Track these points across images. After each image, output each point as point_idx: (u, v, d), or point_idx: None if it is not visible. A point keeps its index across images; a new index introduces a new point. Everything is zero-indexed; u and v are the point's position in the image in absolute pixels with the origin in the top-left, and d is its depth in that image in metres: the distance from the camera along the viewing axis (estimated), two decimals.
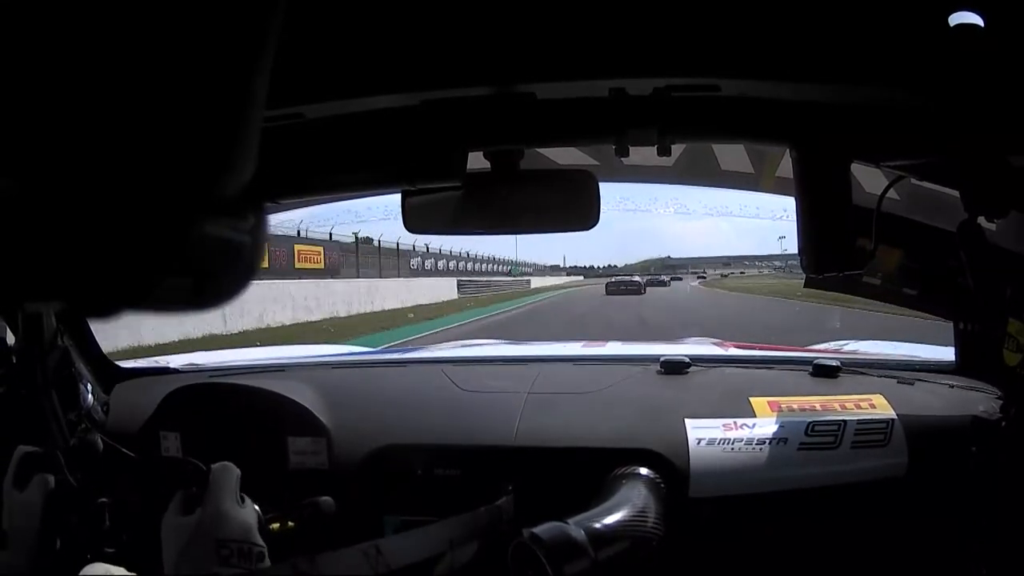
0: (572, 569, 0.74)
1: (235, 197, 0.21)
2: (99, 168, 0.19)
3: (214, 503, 0.77)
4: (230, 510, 0.77)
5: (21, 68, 0.17)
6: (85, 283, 0.20)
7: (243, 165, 0.21)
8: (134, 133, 0.19)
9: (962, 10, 0.55)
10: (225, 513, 0.77)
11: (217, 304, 0.22)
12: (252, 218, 0.22)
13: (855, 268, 0.79)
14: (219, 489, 0.78)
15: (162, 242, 0.20)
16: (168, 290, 0.21)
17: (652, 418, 1.01)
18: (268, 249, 0.52)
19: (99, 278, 0.20)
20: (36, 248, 0.19)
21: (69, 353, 1.06)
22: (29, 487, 0.86)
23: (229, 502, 0.78)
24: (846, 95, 0.69)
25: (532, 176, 0.83)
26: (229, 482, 0.79)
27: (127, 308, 0.21)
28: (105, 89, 0.18)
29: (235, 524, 0.77)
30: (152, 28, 0.18)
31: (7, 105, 0.18)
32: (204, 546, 0.75)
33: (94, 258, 0.19)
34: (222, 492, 0.78)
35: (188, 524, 0.77)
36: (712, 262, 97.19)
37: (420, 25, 0.61)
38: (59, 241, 0.19)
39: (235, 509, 0.78)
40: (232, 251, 0.22)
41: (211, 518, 0.76)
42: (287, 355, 1.72)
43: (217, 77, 0.20)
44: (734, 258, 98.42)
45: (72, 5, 0.18)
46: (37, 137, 0.18)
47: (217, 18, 0.19)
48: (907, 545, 0.92)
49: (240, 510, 0.78)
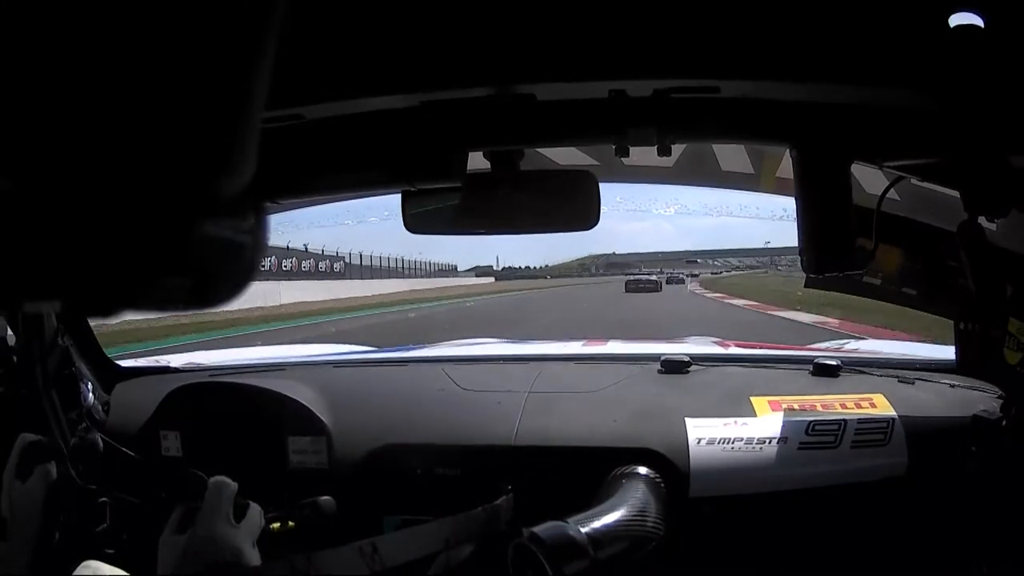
0: (572, 569, 0.74)
1: (235, 197, 0.21)
2: (99, 168, 0.19)
3: (205, 525, 0.77)
4: (221, 532, 0.77)
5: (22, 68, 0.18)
6: (85, 283, 0.20)
7: (243, 165, 0.21)
8: (134, 133, 0.19)
9: (962, 10, 0.55)
10: (214, 536, 0.77)
11: (217, 304, 0.22)
12: (252, 218, 0.22)
13: (855, 268, 0.79)
14: (212, 510, 0.78)
15: (162, 242, 0.20)
16: (168, 290, 0.21)
17: (652, 417, 1.01)
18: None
19: (99, 278, 0.20)
20: (36, 248, 0.19)
21: (69, 352, 1.06)
22: (31, 478, 0.86)
23: (220, 524, 0.78)
24: (846, 95, 0.69)
25: (532, 176, 0.83)
26: (221, 502, 0.79)
27: (127, 308, 0.21)
28: (105, 89, 0.18)
29: (225, 546, 0.77)
30: (152, 28, 0.18)
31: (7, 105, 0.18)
32: (193, 569, 0.75)
33: (94, 258, 0.19)
34: (215, 514, 0.78)
35: (181, 544, 0.77)
36: (670, 259, 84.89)
37: (420, 26, 0.61)
38: (59, 241, 0.19)
39: (226, 530, 0.78)
40: (232, 251, 0.22)
41: (201, 541, 0.76)
42: (287, 355, 1.72)
43: (217, 77, 0.20)
44: (700, 253, 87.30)
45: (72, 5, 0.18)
46: (37, 137, 0.18)
47: (217, 18, 0.19)
48: (907, 545, 0.92)
49: (232, 530, 0.78)
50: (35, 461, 0.87)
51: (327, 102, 0.69)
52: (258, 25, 0.20)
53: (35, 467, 0.87)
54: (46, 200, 0.19)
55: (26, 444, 0.88)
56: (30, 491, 0.85)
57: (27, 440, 0.88)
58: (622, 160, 0.91)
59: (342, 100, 0.69)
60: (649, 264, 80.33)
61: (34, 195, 0.18)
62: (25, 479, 0.86)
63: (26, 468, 0.87)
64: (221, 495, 0.79)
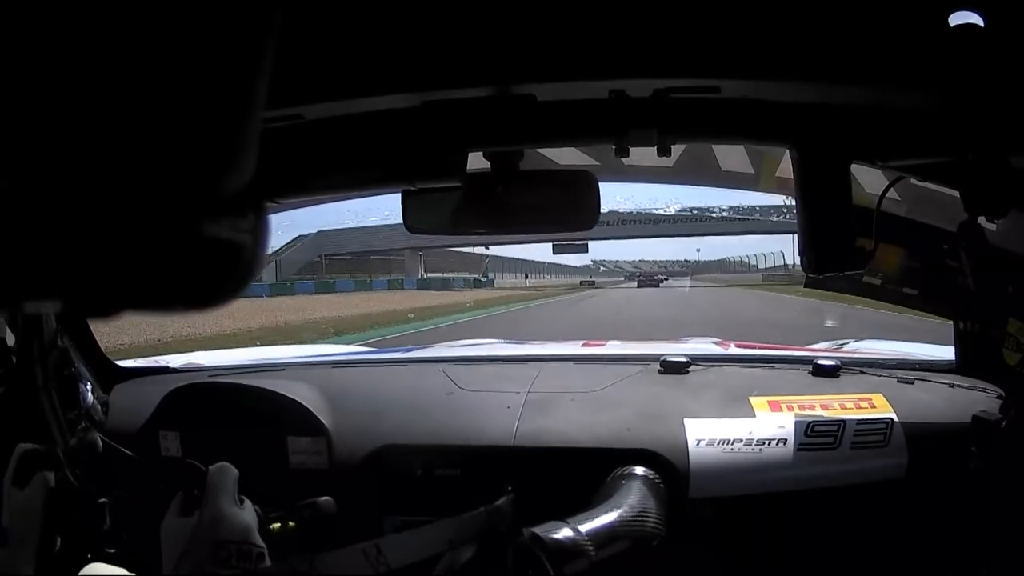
0: (572, 569, 0.74)
1: (235, 197, 0.21)
2: (99, 169, 0.19)
3: (212, 505, 0.77)
4: (228, 512, 0.77)
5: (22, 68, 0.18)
6: (85, 283, 0.20)
7: (243, 165, 0.21)
8: (134, 133, 0.19)
9: (962, 10, 0.55)
10: (223, 515, 0.77)
11: (217, 304, 0.22)
12: (252, 218, 0.22)
13: (855, 268, 0.79)
14: (217, 491, 0.78)
15: (162, 242, 0.20)
16: (168, 290, 0.21)
17: (652, 418, 1.01)
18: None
19: (99, 278, 0.20)
20: (36, 248, 0.19)
21: (69, 353, 1.06)
22: (29, 485, 0.86)
23: (227, 504, 0.78)
24: (846, 95, 0.69)
25: (532, 176, 0.83)
26: (227, 484, 0.79)
27: (127, 308, 0.21)
28: (105, 90, 0.18)
29: (234, 525, 0.77)
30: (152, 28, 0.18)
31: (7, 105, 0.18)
32: (203, 548, 0.75)
33: (94, 258, 0.19)
34: (220, 494, 0.78)
35: (187, 526, 0.77)
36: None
37: (420, 26, 0.61)
38: (59, 241, 0.19)
39: (233, 511, 0.78)
40: (232, 251, 0.22)
41: (210, 520, 0.76)
42: (287, 355, 1.72)
43: (218, 77, 0.20)
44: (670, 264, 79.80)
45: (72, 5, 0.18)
46: (37, 138, 0.18)
47: (217, 18, 0.19)
48: (907, 545, 0.92)
49: (239, 511, 0.78)
50: (33, 468, 0.87)
51: (327, 102, 0.69)
52: (258, 25, 0.20)
53: (33, 474, 0.87)
54: (46, 200, 0.18)
55: (23, 452, 0.88)
56: (29, 498, 0.85)
57: (24, 448, 0.88)
58: (622, 160, 0.91)
59: (342, 100, 0.69)
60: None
61: (34, 195, 0.18)
62: (23, 486, 0.86)
63: (24, 476, 0.86)
64: (227, 476, 0.80)
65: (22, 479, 0.87)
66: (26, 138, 0.18)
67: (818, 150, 0.74)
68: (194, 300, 0.22)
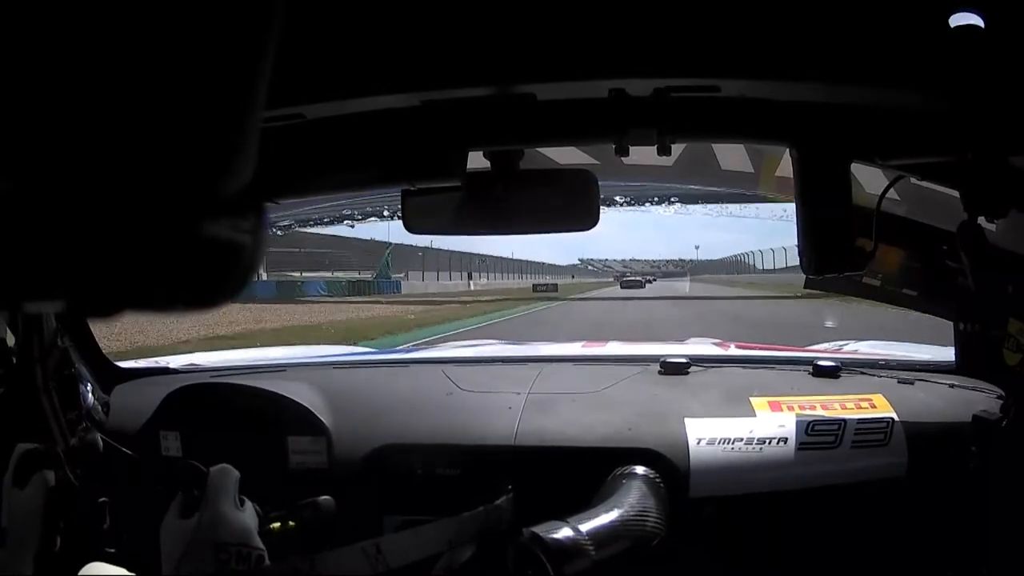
0: (572, 569, 0.74)
1: (235, 197, 0.21)
2: (99, 169, 0.19)
3: (212, 507, 0.77)
4: (229, 513, 0.77)
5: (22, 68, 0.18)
6: (85, 283, 0.20)
7: (243, 165, 0.21)
8: (134, 133, 0.19)
9: (962, 10, 0.55)
10: (223, 517, 0.77)
11: (217, 304, 0.22)
12: (252, 218, 0.22)
13: (855, 268, 0.78)
14: (217, 492, 0.78)
15: (162, 242, 0.20)
16: (168, 290, 0.21)
17: (652, 418, 1.01)
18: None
19: (99, 279, 0.20)
20: (36, 248, 0.19)
21: (69, 353, 1.06)
22: (29, 485, 0.86)
23: (227, 505, 0.78)
24: (846, 95, 0.69)
25: (532, 176, 0.83)
26: (227, 485, 0.79)
27: (127, 308, 0.21)
28: (105, 89, 0.18)
29: (234, 527, 0.77)
30: (152, 28, 0.18)
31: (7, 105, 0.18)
32: (203, 550, 0.75)
33: (94, 258, 0.19)
34: (220, 495, 0.78)
35: (187, 528, 0.77)
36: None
37: (420, 25, 0.61)
38: (59, 242, 0.19)
39: (234, 512, 0.78)
40: (232, 251, 0.22)
41: (210, 522, 0.76)
42: (287, 355, 1.72)
43: (218, 77, 0.20)
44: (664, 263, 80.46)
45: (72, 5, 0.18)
46: (38, 139, 0.18)
47: (218, 18, 0.19)
48: (907, 545, 0.92)
49: (239, 513, 0.78)
50: (33, 468, 0.87)
51: (327, 102, 0.69)
52: (259, 25, 0.20)
53: (33, 474, 0.87)
54: (46, 200, 0.18)
55: (23, 452, 0.88)
56: (29, 498, 0.85)
57: (24, 448, 0.88)
58: (622, 159, 0.91)
59: (342, 100, 0.69)
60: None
61: (34, 195, 0.18)
62: (23, 486, 0.86)
63: (24, 476, 0.86)
64: (228, 478, 0.80)
65: (22, 479, 0.86)
66: (27, 139, 0.18)
67: (818, 149, 0.74)
68: (194, 300, 0.22)
